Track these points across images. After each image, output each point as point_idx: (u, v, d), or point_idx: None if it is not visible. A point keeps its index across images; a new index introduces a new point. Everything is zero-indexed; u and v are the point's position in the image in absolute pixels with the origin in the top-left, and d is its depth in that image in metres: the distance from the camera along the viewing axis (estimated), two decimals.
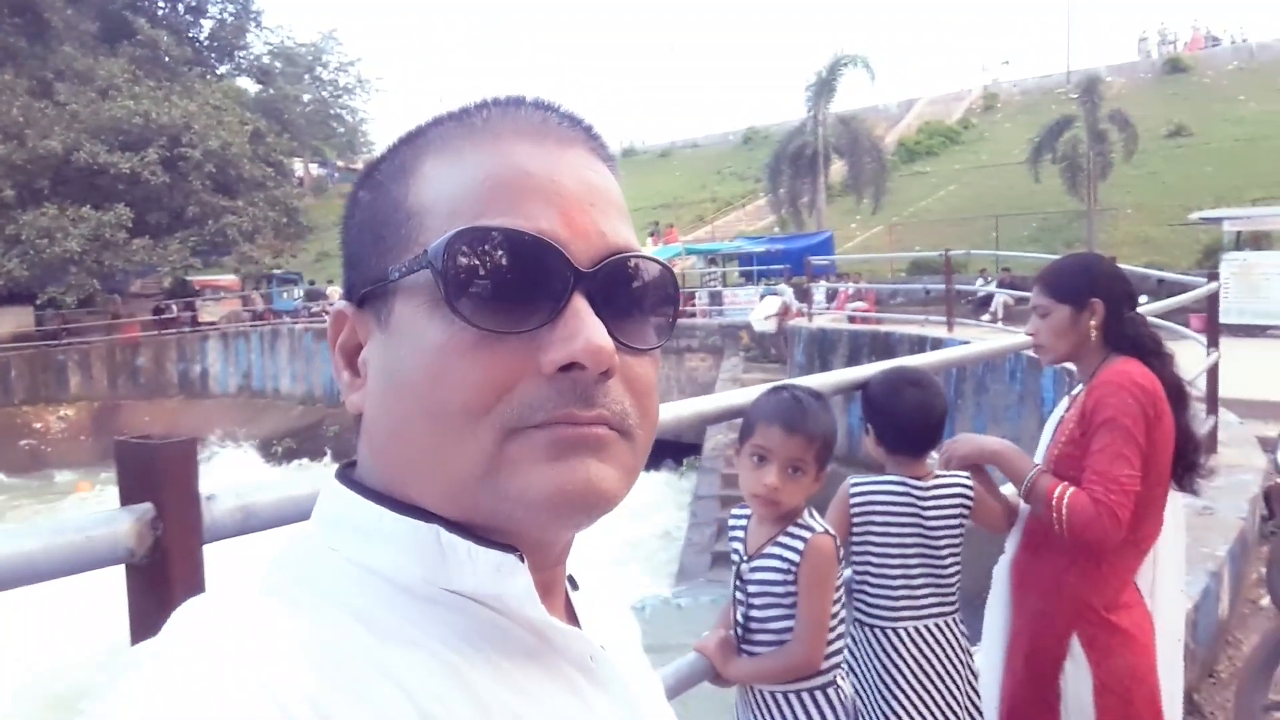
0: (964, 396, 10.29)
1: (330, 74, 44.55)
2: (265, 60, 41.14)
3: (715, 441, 14.44)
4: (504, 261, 0.50)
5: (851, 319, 15.53)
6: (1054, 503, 2.00)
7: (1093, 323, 2.14)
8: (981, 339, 10.24)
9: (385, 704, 0.45)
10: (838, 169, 27.99)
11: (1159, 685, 2.10)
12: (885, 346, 12.07)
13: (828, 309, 17.69)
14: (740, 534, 1.77)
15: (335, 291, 27.15)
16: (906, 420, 1.98)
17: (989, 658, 2.28)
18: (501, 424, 0.49)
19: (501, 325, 0.49)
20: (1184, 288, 6.31)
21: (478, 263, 0.50)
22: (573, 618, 0.61)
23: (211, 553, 0.97)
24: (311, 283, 30.02)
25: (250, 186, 31.94)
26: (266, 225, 32.29)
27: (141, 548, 0.91)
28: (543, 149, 0.54)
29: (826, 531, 1.69)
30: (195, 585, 0.94)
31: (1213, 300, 6.03)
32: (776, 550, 1.67)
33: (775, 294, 17.39)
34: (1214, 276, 6.47)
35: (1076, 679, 2.08)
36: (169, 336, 25.81)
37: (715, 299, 21.12)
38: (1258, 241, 16.78)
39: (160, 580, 0.92)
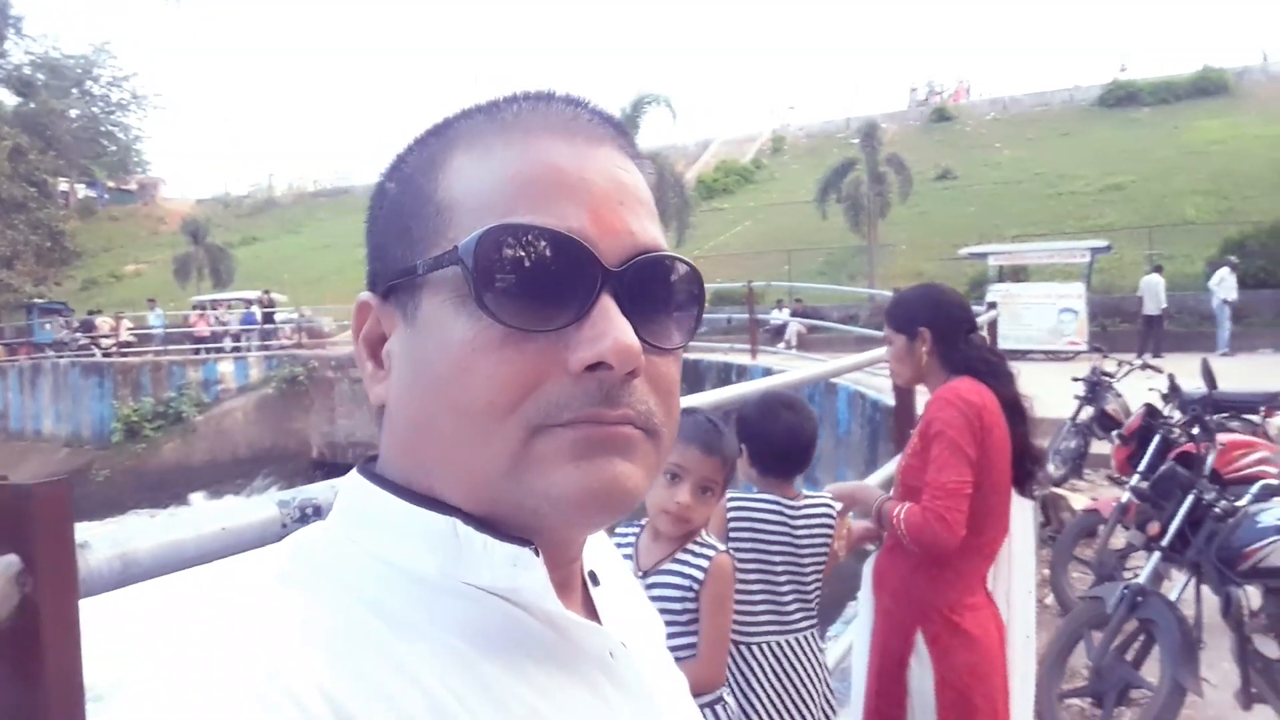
0: None
1: (102, 88, 41.23)
2: (27, 71, 37.53)
3: None
4: (533, 259, 0.49)
5: None
6: (895, 522, 2.18)
7: (924, 349, 2.30)
8: (781, 365, 10.81)
9: (398, 695, 0.45)
10: None
11: (1002, 684, 2.25)
12: (695, 373, 12.43)
13: None
14: (629, 550, 1.76)
15: (105, 322, 25.03)
16: (781, 442, 2.04)
17: (858, 654, 2.41)
18: (528, 421, 0.49)
19: (529, 323, 0.49)
20: None
21: (507, 260, 0.49)
22: (592, 614, 0.60)
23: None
24: (91, 312, 27.28)
25: (8, 208, 28.99)
26: (27, 250, 29.33)
27: (5, 609, 0.77)
28: (572, 146, 0.53)
29: (726, 551, 1.72)
30: (72, 650, 0.81)
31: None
32: (677, 568, 1.68)
33: None
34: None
35: (921, 675, 2.22)
36: None
37: None
38: (1016, 274, 18.63)
39: (29, 646, 0.79)
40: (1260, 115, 29.96)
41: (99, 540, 0.85)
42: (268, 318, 24.56)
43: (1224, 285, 16.31)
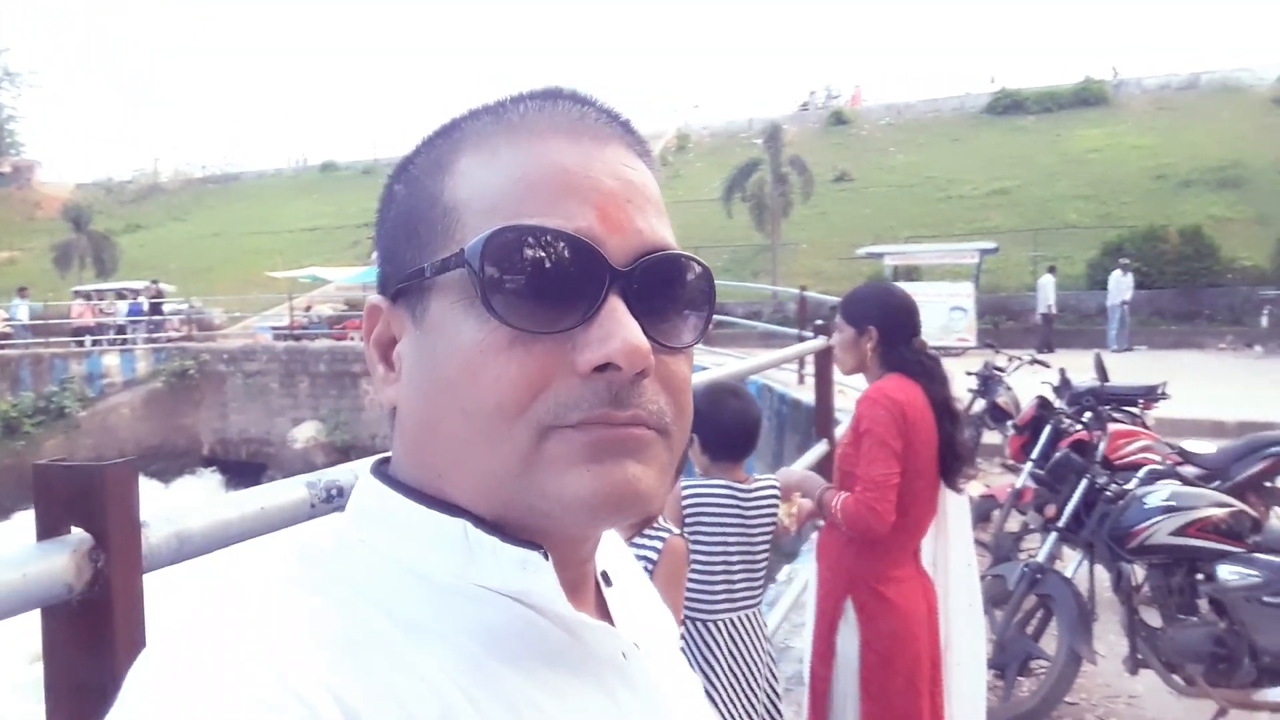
0: None
1: None
2: None
3: None
4: (540, 260, 0.49)
5: None
6: (833, 510, 2.41)
7: (869, 345, 2.47)
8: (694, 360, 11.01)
9: (408, 697, 0.45)
10: None
11: (925, 651, 2.42)
12: None
13: None
14: None
15: None
16: (730, 429, 2.15)
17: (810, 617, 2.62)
18: (537, 422, 0.49)
19: (537, 325, 0.49)
20: None
21: (514, 262, 0.49)
22: (605, 614, 0.60)
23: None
24: None
25: None
26: None
27: (80, 583, 0.81)
28: (579, 145, 0.53)
29: (680, 534, 1.80)
30: (138, 623, 0.85)
31: None
32: (633, 551, 1.76)
33: None
34: None
35: (846, 638, 2.43)
36: None
37: None
38: (910, 274, 19.38)
39: (101, 619, 0.82)
40: (1135, 126, 31.83)
41: (157, 520, 0.89)
42: (155, 309, 23.52)
43: (1119, 286, 17.37)
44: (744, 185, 25.77)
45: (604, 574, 0.62)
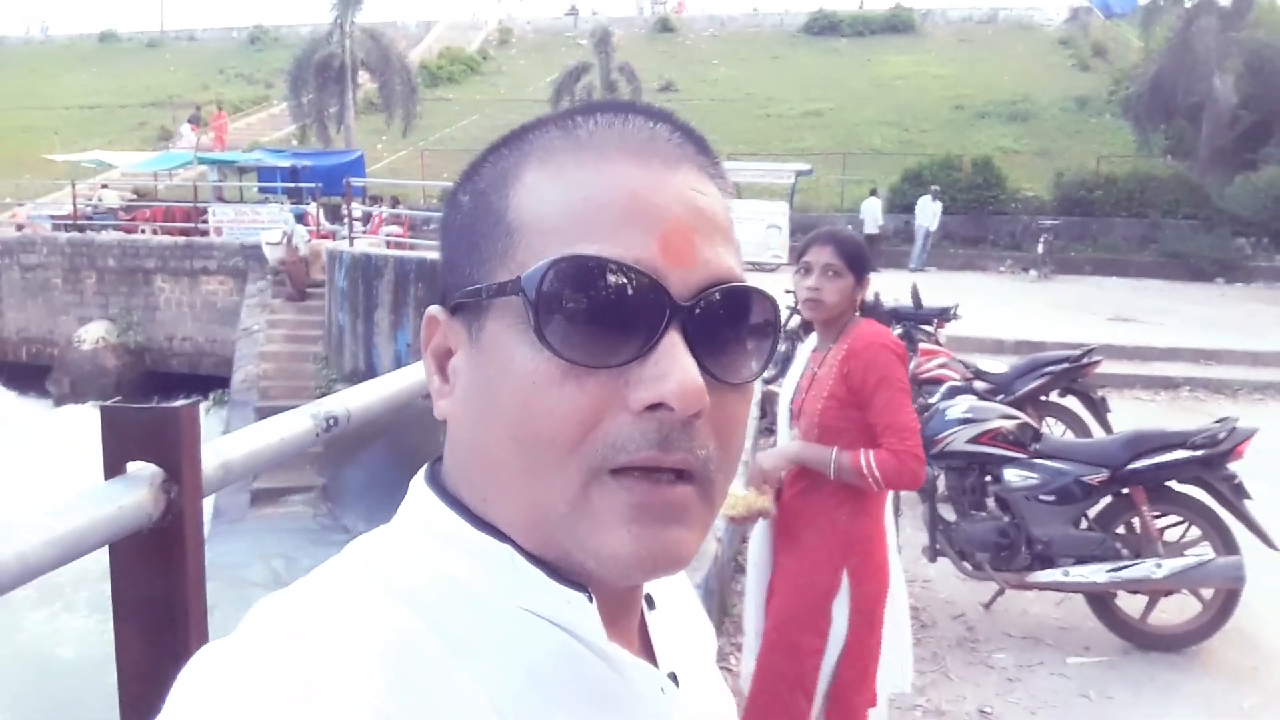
0: None
1: None
2: None
3: (246, 373, 13.57)
4: (598, 293, 0.48)
5: (388, 244, 15.47)
6: (864, 469, 2.29)
7: (861, 296, 2.45)
8: None
9: (450, 716, 0.46)
10: (365, 85, 27.21)
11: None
12: (433, 273, 12.28)
13: (363, 233, 17.37)
14: None
15: None
16: None
17: (754, 588, 2.59)
18: (588, 464, 0.49)
19: (592, 359, 0.48)
20: None
21: (570, 293, 0.48)
22: (646, 640, 0.60)
23: None
24: None
25: None
26: None
27: (158, 511, 0.90)
28: (648, 168, 0.52)
29: None
30: (200, 545, 0.95)
31: None
32: None
33: (299, 214, 16.58)
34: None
35: (840, 607, 2.38)
36: None
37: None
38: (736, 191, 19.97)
39: (175, 543, 0.92)
40: (938, 56, 33.75)
41: (206, 453, 0.98)
42: None
43: (927, 212, 18.67)
44: (573, 90, 25.45)
45: (648, 596, 0.61)
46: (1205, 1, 21.52)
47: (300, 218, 16.43)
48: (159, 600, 0.92)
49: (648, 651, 0.59)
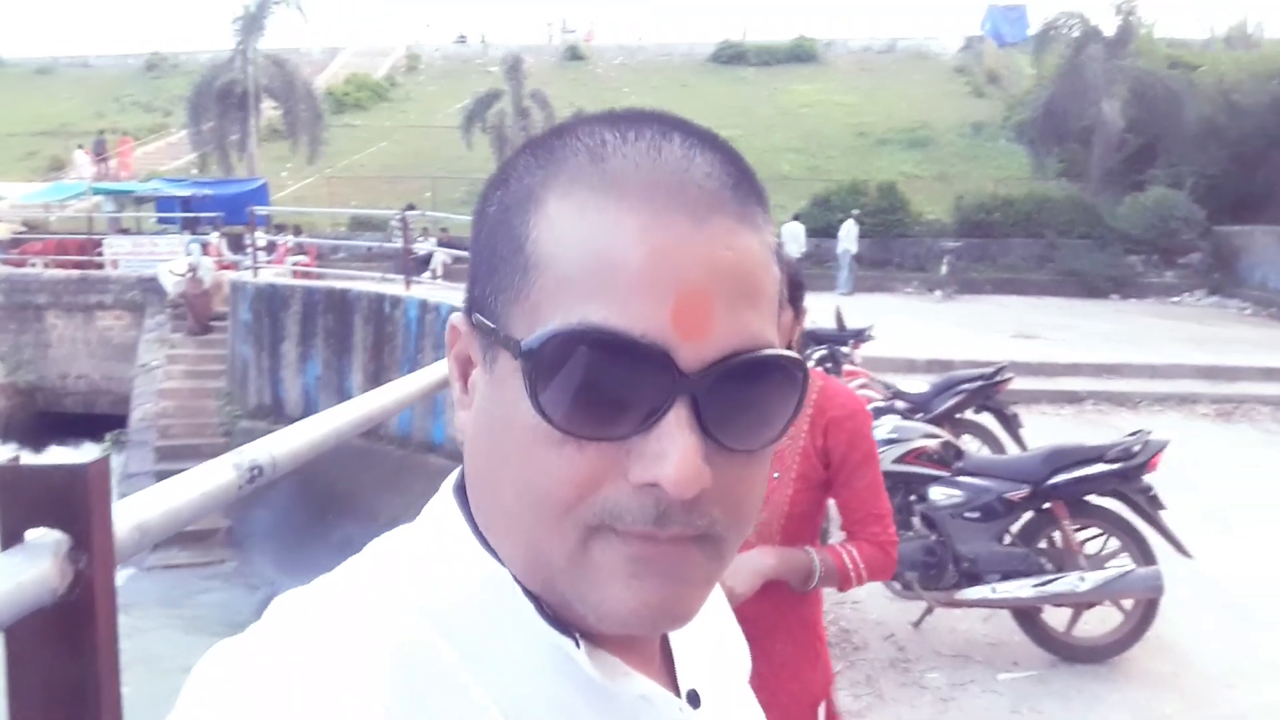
0: None
1: None
2: None
3: (145, 411, 12.97)
4: (600, 366, 0.46)
5: (294, 274, 15.06)
6: (849, 571, 1.89)
7: (800, 330, 2.02)
8: (432, 296, 10.86)
9: None
10: (268, 112, 26.57)
11: None
12: (343, 303, 11.95)
13: (268, 263, 16.86)
14: None
15: None
16: None
17: None
18: (585, 523, 0.48)
19: (590, 430, 0.47)
20: None
21: (571, 367, 0.46)
22: (668, 656, 0.59)
23: None
24: None
25: None
26: None
27: (63, 585, 0.79)
28: (672, 224, 0.48)
29: None
30: (112, 617, 0.84)
31: None
32: None
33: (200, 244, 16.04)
34: None
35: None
36: None
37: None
38: None
39: (84, 618, 0.81)
40: (841, 84, 34.72)
41: (119, 515, 0.87)
42: None
43: (848, 236, 19.12)
44: (484, 116, 25.29)
45: None
46: (1091, 30, 22.68)
47: (203, 248, 15.87)
48: (65, 685, 0.81)
49: (669, 667, 0.59)
